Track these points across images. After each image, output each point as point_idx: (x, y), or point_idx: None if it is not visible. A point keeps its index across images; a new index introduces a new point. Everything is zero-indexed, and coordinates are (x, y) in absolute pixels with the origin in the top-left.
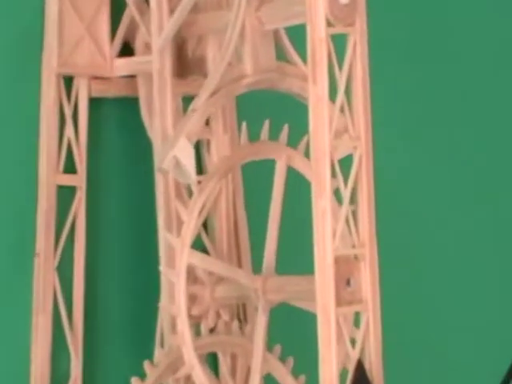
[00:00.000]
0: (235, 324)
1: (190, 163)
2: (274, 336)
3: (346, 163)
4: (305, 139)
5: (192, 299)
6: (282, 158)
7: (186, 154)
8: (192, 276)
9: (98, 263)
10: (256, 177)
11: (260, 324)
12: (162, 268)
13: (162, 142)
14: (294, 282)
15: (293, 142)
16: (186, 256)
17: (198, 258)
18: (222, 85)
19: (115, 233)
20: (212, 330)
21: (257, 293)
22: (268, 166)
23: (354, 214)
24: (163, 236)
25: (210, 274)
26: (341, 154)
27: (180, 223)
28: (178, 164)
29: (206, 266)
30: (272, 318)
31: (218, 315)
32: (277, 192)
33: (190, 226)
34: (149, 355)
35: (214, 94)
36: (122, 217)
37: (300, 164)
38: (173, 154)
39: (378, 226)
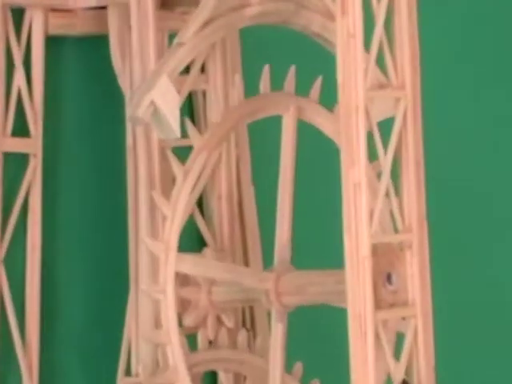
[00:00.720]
0: (242, 335)
1: (172, 111)
2: (293, 350)
3: (386, 123)
4: (318, 82)
5: (184, 305)
6: (290, 111)
7: (167, 99)
8: (181, 275)
9: (57, 255)
10: (268, 141)
11: (276, 335)
12: (142, 287)
13: (137, 85)
14: (317, 279)
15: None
16: (172, 264)
17: (188, 264)
18: (219, 13)
19: (80, 215)
20: (212, 343)
21: (268, 295)
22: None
23: (397, 189)
24: (141, 239)
25: None
26: (380, 110)
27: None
28: (156, 112)
29: (201, 273)
30: (290, 326)
31: (219, 322)
32: (286, 159)
33: (175, 221)
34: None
35: (207, 24)
36: (89, 193)
37: (316, 117)
38: (150, 97)
39: (429, 206)
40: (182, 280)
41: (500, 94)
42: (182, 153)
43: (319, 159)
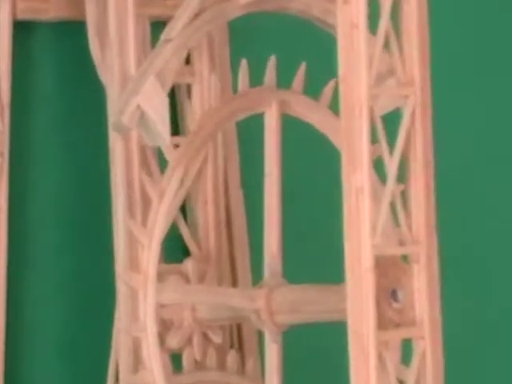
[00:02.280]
0: (232, 355)
1: (161, 117)
2: (288, 372)
3: (391, 122)
4: (301, 69)
5: (166, 325)
6: (272, 107)
7: (155, 103)
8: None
9: (25, 269)
10: (259, 139)
11: (271, 357)
12: (119, 325)
13: (120, 87)
14: (314, 297)
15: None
16: (152, 296)
17: (169, 293)
18: (209, 3)
19: (53, 225)
20: (198, 363)
21: (260, 314)
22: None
23: (404, 195)
24: (117, 273)
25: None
26: (385, 107)
27: (146, 207)
28: (143, 118)
29: (183, 300)
30: (284, 345)
31: (206, 340)
32: (271, 160)
33: (153, 249)
34: None
35: (196, 17)
36: (64, 200)
37: (302, 110)
38: (136, 102)
39: (439, 214)
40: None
41: None
42: None
43: (316, 160)
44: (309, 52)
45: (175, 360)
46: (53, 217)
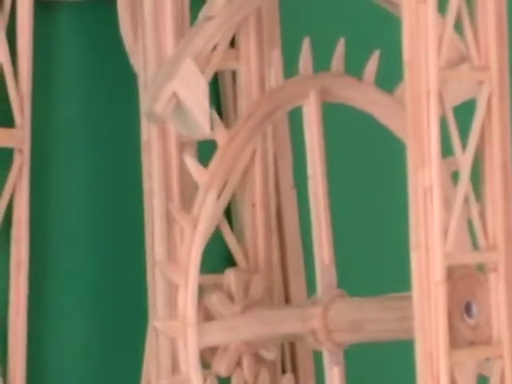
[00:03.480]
0: (287, 379)
1: (199, 105)
2: None
3: (465, 111)
4: (340, 45)
5: (210, 350)
6: (310, 98)
7: (193, 90)
8: (203, 308)
9: (49, 275)
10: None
11: (332, 380)
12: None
13: (154, 73)
14: (376, 314)
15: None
16: (193, 342)
17: (214, 334)
18: None
19: (78, 226)
20: None
21: (316, 335)
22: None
23: (479, 196)
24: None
25: (243, 295)
26: (456, 96)
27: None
28: (179, 106)
29: (232, 338)
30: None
31: (257, 360)
32: (314, 159)
33: (190, 290)
34: None
35: None
36: (91, 199)
37: (345, 92)
38: (171, 88)
39: None
40: (205, 314)
41: None
42: (210, 147)
43: (378, 156)
44: (367, 31)
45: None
46: (78, 221)
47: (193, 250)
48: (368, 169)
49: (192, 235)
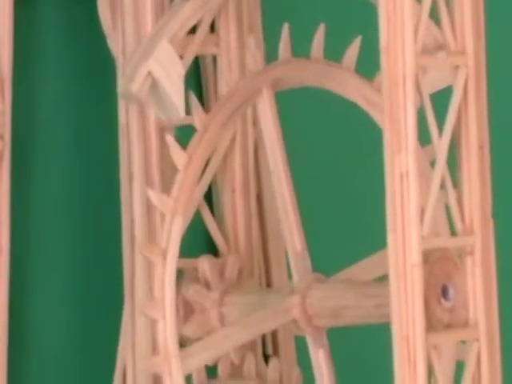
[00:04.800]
0: (273, 363)
1: (175, 86)
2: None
3: (441, 97)
4: (285, 30)
5: (186, 311)
6: (263, 94)
7: (169, 70)
8: (182, 300)
9: (30, 261)
10: (295, 116)
11: (319, 363)
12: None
13: (131, 52)
14: (353, 302)
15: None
16: (177, 370)
17: (196, 357)
18: None
19: (59, 211)
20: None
21: (298, 323)
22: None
23: (456, 180)
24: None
25: (219, 281)
26: (434, 82)
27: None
28: (155, 88)
29: (216, 354)
30: None
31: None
32: (274, 153)
33: (168, 322)
34: None
35: None
36: (71, 184)
37: (294, 73)
38: (147, 68)
39: (495, 201)
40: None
41: None
42: (189, 132)
43: (354, 142)
44: (339, 19)
45: (210, 369)
46: (58, 208)
47: (166, 282)
48: (346, 154)
49: (163, 267)
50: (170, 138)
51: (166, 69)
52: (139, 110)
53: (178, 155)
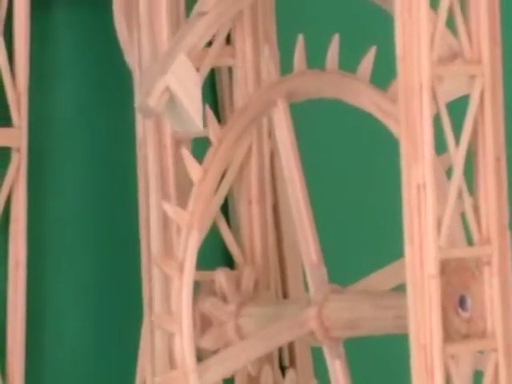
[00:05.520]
0: (290, 375)
1: (192, 99)
2: None
3: (457, 107)
4: (300, 42)
5: (203, 324)
6: (278, 105)
7: (186, 84)
8: (199, 313)
9: (47, 274)
10: (311, 127)
11: (336, 375)
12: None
13: (147, 66)
14: (371, 313)
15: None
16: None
17: (213, 370)
18: None
19: (75, 224)
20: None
21: (315, 335)
22: (335, 108)
23: (473, 191)
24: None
25: (236, 293)
26: (449, 93)
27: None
28: (172, 101)
29: (233, 367)
30: None
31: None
32: (289, 164)
33: (185, 336)
34: None
35: None
36: (87, 197)
37: (307, 86)
38: (164, 82)
39: None
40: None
41: None
42: (205, 145)
43: (370, 152)
44: (365, 29)
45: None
46: (74, 218)
47: (183, 296)
48: (359, 164)
49: (180, 281)
50: (185, 152)
51: (183, 83)
52: (155, 123)
53: (193, 169)
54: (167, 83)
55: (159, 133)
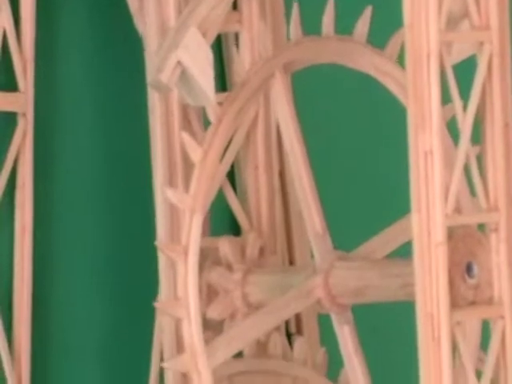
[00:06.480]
0: (299, 343)
1: (204, 73)
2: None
3: (465, 72)
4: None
5: (210, 293)
6: (276, 77)
7: (198, 58)
8: (206, 284)
9: (53, 241)
10: (316, 94)
11: (345, 340)
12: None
13: (158, 40)
14: (377, 281)
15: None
16: (205, 368)
17: (222, 351)
18: None
19: (83, 189)
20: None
21: (321, 303)
22: (342, 74)
23: (480, 158)
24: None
25: (241, 260)
26: (457, 53)
27: (188, 174)
28: (184, 75)
29: (240, 346)
30: None
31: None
32: (289, 133)
33: (194, 320)
34: None
35: None
36: (95, 163)
37: (306, 55)
38: (176, 57)
39: None
40: (214, 259)
41: None
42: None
43: (376, 119)
44: None
45: None
46: (82, 183)
47: (189, 280)
48: (371, 133)
49: (185, 265)
50: (185, 135)
51: (195, 57)
52: (163, 98)
53: (193, 151)
54: (179, 58)
55: (165, 99)
